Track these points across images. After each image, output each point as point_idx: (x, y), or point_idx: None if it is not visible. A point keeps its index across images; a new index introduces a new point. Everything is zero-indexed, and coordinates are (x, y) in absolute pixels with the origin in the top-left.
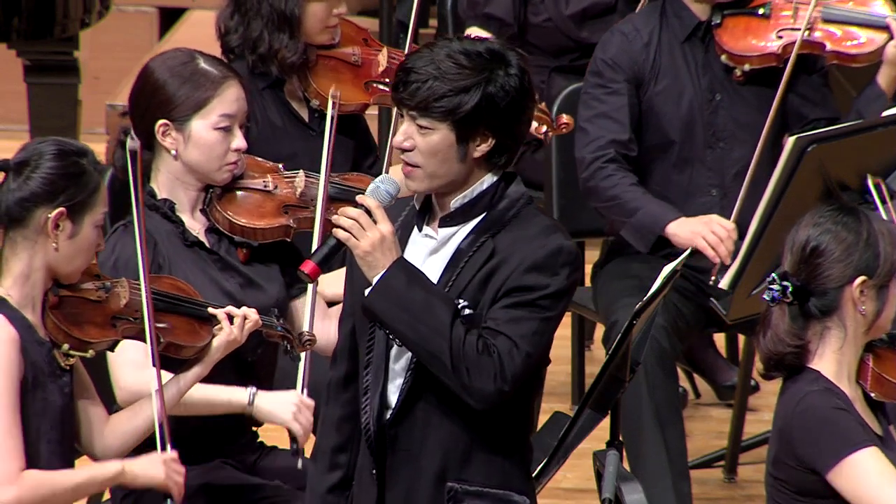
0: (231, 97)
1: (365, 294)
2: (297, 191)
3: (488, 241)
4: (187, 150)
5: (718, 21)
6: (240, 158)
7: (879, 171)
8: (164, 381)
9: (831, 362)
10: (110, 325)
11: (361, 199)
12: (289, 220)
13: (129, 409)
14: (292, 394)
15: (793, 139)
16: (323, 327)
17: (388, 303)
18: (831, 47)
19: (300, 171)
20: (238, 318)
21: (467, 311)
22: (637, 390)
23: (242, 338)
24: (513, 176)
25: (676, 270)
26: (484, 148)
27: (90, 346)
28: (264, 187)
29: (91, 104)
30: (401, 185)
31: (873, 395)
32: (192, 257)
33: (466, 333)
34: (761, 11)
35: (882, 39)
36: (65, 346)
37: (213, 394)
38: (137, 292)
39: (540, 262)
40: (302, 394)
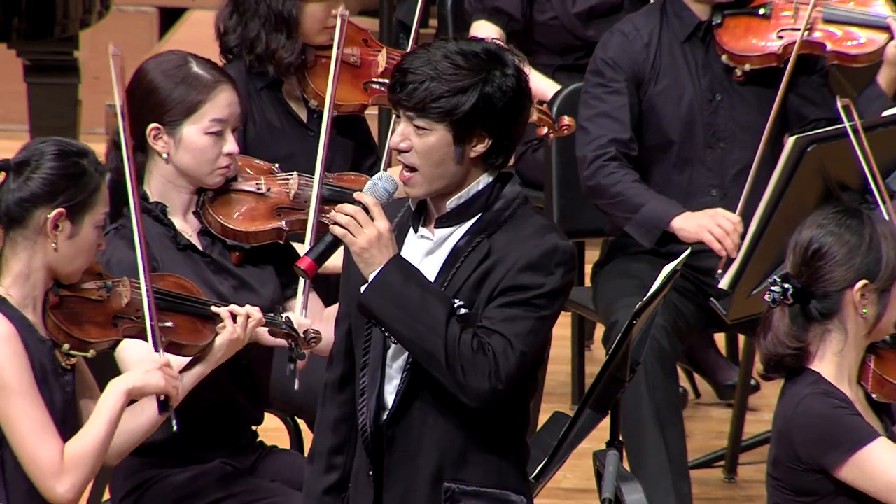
0: (223, 102)
1: (361, 291)
2: (290, 192)
3: (484, 242)
4: (178, 154)
5: (719, 21)
6: (232, 162)
7: (879, 171)
8: None
9: (831, 364)
10: (111, 324)
11: (359, 196)
12: (281, 222)
13: (130, 408)
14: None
15: (793, 139)
16: (319, 329)
17: (384, 300)
18: (832, 47)
19: (294, 173)
20: (241, 317)
21: (463, 311)
22: (637, 390)
23: (246, 337)
24: (508, 176)
25: (676, 270)
26: (480, 148)
27: (91, 346)
28: (257, 189)
29: (91, 104)
30: (398, 184)
31: (875, 397)
32: (185, 260)
33: (462, 332)
34: (762, 11)
35: (882, 40)
36: (65, 345)
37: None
38: (139, 291)
39: (535, 261)
40: (302, 315)
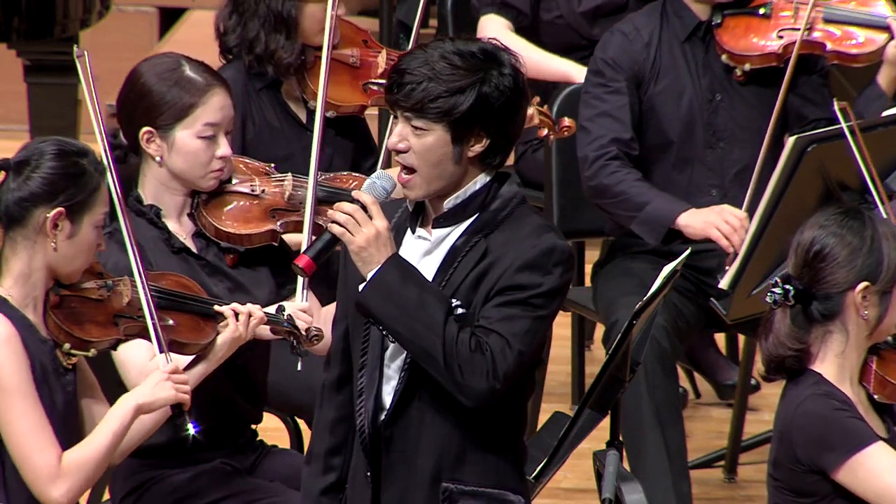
0: (216, 105)
1: (359, 289)
2: (285, 194)
3: (481, 241)
4: (171, 158)
5: (719, 21)
6: (225, 165)
7: (879, 171)
8: None
9: (833, 365)
10: (112, 323)
11: (357, 195)
12: (276, 224)
13: None
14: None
15: (793, 139)
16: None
17: (382, 298)
18: (832, 47)
19: (288, 174)
20: (243, 315)
21: (460, 311)
22: (637, 390)
23: (248, 335)
24: (505, 175)
25: (676, 270)
26: (478, 148)
27: (92, 346)
28: (251, 191)
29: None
30: (397, 184)
31: (876, 397)
32: (180, 263)
33: (459, 331)
34: (762, 11)
35: (882, 39)
36: (66, 345)
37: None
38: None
39: (532, 260)
40: (303, 301)
